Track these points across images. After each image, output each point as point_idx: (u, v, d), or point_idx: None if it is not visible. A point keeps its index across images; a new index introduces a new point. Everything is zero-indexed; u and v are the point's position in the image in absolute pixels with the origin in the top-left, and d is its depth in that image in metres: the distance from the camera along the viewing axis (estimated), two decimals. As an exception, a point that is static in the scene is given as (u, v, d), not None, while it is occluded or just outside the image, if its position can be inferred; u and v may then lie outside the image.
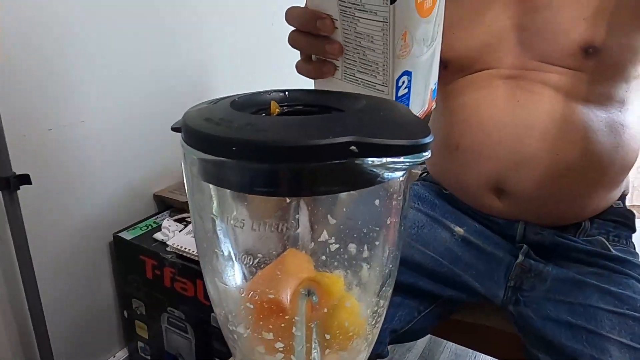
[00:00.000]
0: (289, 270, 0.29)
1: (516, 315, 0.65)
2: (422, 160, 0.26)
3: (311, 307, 0.29)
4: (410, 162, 0.25)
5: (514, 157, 0.62)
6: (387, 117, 0.28)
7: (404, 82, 0.38)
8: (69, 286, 1.02)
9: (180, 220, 1.08)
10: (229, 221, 0.29)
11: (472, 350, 0.83)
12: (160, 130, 1.09)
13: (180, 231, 1.03)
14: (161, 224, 1.06)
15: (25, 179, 0.84)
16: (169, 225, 1.04)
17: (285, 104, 0.34)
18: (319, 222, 0.29)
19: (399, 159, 0.25)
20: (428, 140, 0.25)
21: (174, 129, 0.31)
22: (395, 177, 0.26)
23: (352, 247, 0.30)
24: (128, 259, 1.05)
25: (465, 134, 0.66)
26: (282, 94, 0.34)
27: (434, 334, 0.79)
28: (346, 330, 0.31)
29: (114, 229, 1.06)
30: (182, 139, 0.28)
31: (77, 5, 0.90)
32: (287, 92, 0.34)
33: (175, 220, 1.08)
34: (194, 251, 0.95)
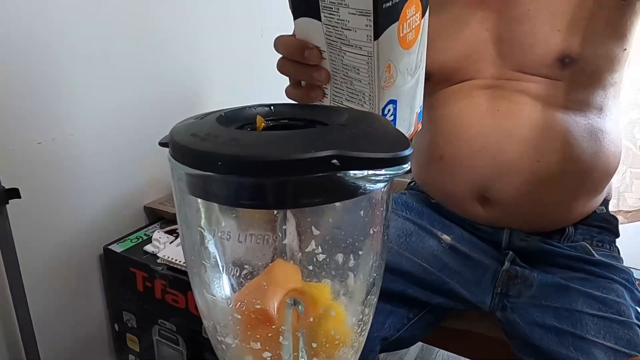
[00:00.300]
0: (276, 281, 0.30)
1: (504, 321, 0.66)
2: (402, 172, 0.27)
3: (297, 317, 0.30)
4: (391, 174, 0.26)
5: (496, 165, 0.63)
6: (369, 131, 0.29)
7: (389, 110, 0.40)
8: (59, 299, 1.01)
9: (171, 232, 1.08)
10: (216, 233, 0.30)
11: (463, 357, 0.84)
12: (150, 142, 1.09)
13: (171, 243, 1.03)
14: (152, 236, 1.05)
15: (14, 193, 0.84)
16: (160, 237, 1.04)
17: (271, 118, 0.34)
18: (306, 233, 0.30)
19: (380, 171, 0.26)
20: (408, 152, 0.26)
21: (161, 144, 0.31)
22: (377, 188, 0.27)
23: (338, 257, 0.31)
24: (118, 271, 1.05)
25: (448, 144, 0.67)
26: (267, 109, 0.35)
27: (426, 342, 0.80)
28: (332, 339, 0.31)
29: (104, 241, 1.06)
30: (169, 153, 0.29)
31: (67, 18, 0.90)
32: (272, 107, 0.35)
33: (166, 232, 1.08)
34: (184, 263, 0.95)
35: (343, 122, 0.31)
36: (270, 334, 0.30)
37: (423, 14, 0.39)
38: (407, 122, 0.43)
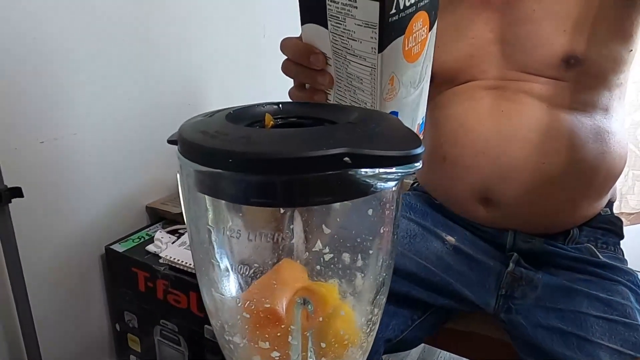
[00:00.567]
0: (285, 280, 0.30)
1: (508, 323, 0.66)
2: (414, 170, 0.26)
3: (307, 316, 0.30)
4: (402, 173, 0.26)
5: (499, 167, 0.63)
6: (379, 129, 0.29)
7: None
8: (60, 299, 1.01)
9: (173, 232, 1.08)
10: (224, 232, 0.29)
11: (465, 358, 0.84)
12: (152, 142, 1.09)
13: (173, 243, 1.03)
14: (154, 236, 1.05)
15: (17, 192, 0.84)
16: (162, 237, 1.04)
17: (279, 116, 0.34)
18: (313, 232, 0.30)
19: (392, 169, 0.26)
20: (419, 151, 0.26)
21: (170, 141, 0.31)
22: (387, 187, 0.27)
23: (346, 257, 0.31)
24: (120, 271, 1.05)
25: (451, 145, 0.67)
26: (276, 107, 0.35)
27: (428, 343, 0.79)
28: (341, 339, 0.31)
29: (106, 241, 1.05)
30: (178, 151, 0.29)
31: (70, 18, 0.90)
32: (280, 105, 0.35)
33: (168, 232, 1.08)
34: (187, 263, 0.95)
35: (352, 121, 0.31)
36: (279, 334, 0.30)
37: (430, 28, 0.38)
38: None
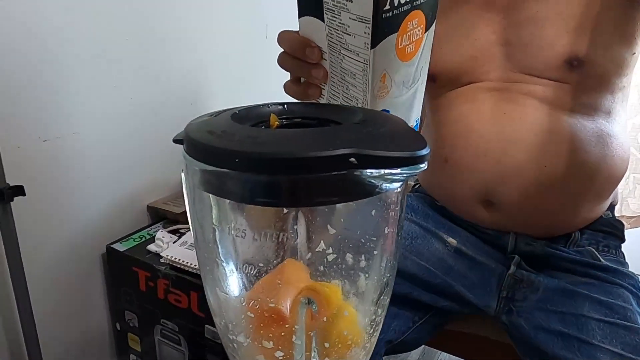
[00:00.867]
0: (290, 279, 0.30)
1: (509, 325, 0.66)
2: (419, 171, 0.26)
3: (311, 316, 0.30)
4: (407, 173, 0.26)
5: (500, 169, 0.63)
6: (384, 130, 0.29)
7: None
8: (61, 297, 1.01)
9: (174, 232, 1.08)
10: (229, 231, 0.30)
11: (464, 360, 0.84)
12: (154, 142, 1.09)
13: (174, 242, 1.03)
14: (155, 236, 1.05)
15: (19, 191, 0.84)
16: (163, 237, 1.04)
17: (284, 116, 0.34)
18: (317, 233, 0.30)
19: (397, 170, 0.26)
20: (425, 152, 0.26)
21: (175, 140, 0.31)
22: (392, 188, 0.27)
23: (349, 257, 0.31)
24: (121, 270, 1.05)
25: (453, 147, 0.67)
26: (281, 107, 0.35)
27: (428, 345, 0.80)
28: (345, 339, 0.31)
29: (107, 240, 1.05)
30: (184, 150, 0.29)
31: (72, 17, 0.90)
32: (285, 105, 0.35)
33: (169, 231, 1.08)
34: (188, 262, 0.95)
35: (357, 121, 0.31)
36: (283, 333, 0.30)
37: (427, 29, 0.38)
38: None
